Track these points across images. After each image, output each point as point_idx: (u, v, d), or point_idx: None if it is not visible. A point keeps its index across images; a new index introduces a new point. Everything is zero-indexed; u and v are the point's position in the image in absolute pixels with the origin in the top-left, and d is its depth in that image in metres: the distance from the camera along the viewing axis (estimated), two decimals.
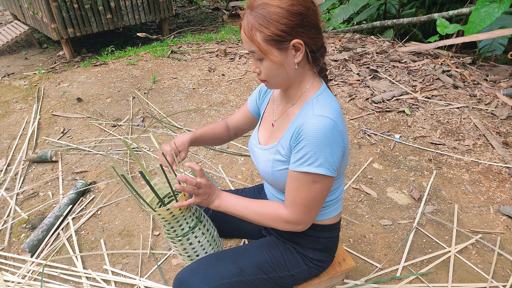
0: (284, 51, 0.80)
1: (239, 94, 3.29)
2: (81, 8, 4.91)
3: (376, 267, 1.58)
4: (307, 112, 0.85)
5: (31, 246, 1.66)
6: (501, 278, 1.52)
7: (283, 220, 0.88)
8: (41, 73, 4.08)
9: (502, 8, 3.22)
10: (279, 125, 0.96)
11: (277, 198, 1.04)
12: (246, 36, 0.80)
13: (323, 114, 0.81)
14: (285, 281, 1.03)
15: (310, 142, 0.79)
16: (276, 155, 0.91)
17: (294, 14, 0.76)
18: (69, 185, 2.13)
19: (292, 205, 0.86)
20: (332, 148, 0.79)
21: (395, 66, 3.76)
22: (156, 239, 1.75)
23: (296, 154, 0.82)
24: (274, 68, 0.82)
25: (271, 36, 0.77)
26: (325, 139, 0.79)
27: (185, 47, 4.66)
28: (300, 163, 0.81)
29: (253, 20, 0.77)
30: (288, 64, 0.82)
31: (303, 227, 0.89)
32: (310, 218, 0.88)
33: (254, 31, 0.78)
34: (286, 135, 0.89)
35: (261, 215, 0.90)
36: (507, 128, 2.65)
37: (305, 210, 0.85)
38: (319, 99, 0.86)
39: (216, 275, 0.94)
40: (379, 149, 2.45)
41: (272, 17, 0.76)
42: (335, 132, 0.79)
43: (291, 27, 0.77)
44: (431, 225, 1.81)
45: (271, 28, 0.76)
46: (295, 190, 0.84)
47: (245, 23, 0.80)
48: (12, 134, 2.71)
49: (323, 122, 0.79)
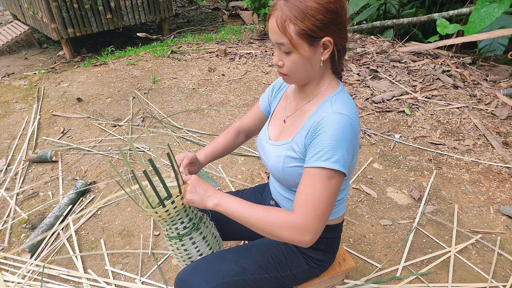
0: (314, 47, 0.79)
1: (239, 94, 3.29)
2: (81, 8, 4.91)
3: (376, 267, 1.58)
4: (325, 108, 0.84)
5: (31, 246, 1.66)
6: (501, 278, 1.52)
7: (290, 225, 0.78)
8: (41, 73, 4.08)
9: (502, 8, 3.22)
10: (293, 121, 0.95)
11: (283, 196, 1.04)
12: (277, 27, 0.78)
13: (342, 111, 0.80)
14: (286, 281, 1.03)
15: (328, 136, 0.78)
16: (289, 151, 0.90)
17: (330, 12, 0.76)
18: (69, 185, 2.13)
19: (303, 205, 0.79)
20: (348, 147, 0.79)
21: (395, 66, 3.76)
22: (156, 239, 1.75)
23: (312, 149, 0.81)
24: (300, 63, 0.82)
25: (305, 30, 0.76)
26: (343, 136, 0.78)
27: (185, 47, 4.66)
28: (317, 158, 0.79)
29: (289, 11, 0.76)
30: (314, 61, 0.82)
31: (310, 238, 0.79)
32: (317, 226, 0.79)
33: (288, 23, 0.76)
34: (301, 131, 0.88)
35: (265, 219, 0.80)
36: (507, 128, 2.65)
37: (315, 213, 0.78)
38: (337, 97, 0.86)
39: (218, 274, 0.94)
40: (379, 149, 2.45)
41: (309, 11, 0.75)
42: (352, 131, 0.79)
43: (325, 24, 0.77)
44: (431, 225, 1.81)
45: (306, 22, 0.75)
46: (309, 186, 0.79)
47: (278, 14, 0.78)
48: (12, 134, 2.71)
49: (342, 119, 0.79)
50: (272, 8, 0.81)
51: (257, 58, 4.19)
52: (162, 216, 0.90)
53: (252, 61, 4.10)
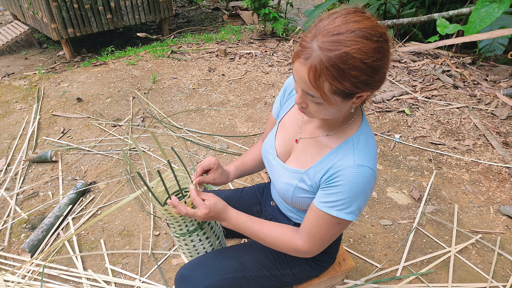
0: (348, 99, 0.69)
1: (239, 94, 3.29)
2: (81, 8, 4.91)
3: (376, 267, 1.58)
4: (346, 154, 0.78)
5: (31, 246, 1.66)
6: (501, 278, 1.52)
7: (295, 250, 0.87)
8: (41, 73, 4.08)
9: (502, 8, 3.22)
10: (306, 149, 0.88)
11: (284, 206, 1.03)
12: (308, 80, 0.66)
13: (364, 163, 0.75)
14: (286, 279, 1.04)
15: (347, 190, 0.75)
16: (301, 183, 0.86)
17: (376, 70, 0.64)
18: (69, 185, 2.13)
19: (309, 237, 0.85)
20: (365, 197, 0.78)
21: (395, 66, 3.76)
22: (156, 239, 1.75)
23: (327, 195, 0.78)
24: (328, 112, 0.73)
25: (342, 90, 0.65)
26: (363, 189, 0.76)
27: (185, 47, 4.66)
28: (330, 206, 0.78)
29: (326, 68, 0.62)
30: (345, 109, 0.74)
31: (311, 255, 0.89)
32: (320, 250, 0.88)
33: (323, 79, 0.64)
34: (316, 168, 0.83)
35: (272, 243, 0.89)
36: (507, 128, 2.65)
37: (320, 244, 0.85)
38: (360, 139, 0.79)
39: (218, 270, 0.95)
40: (379, 149, 2.45)
41: (351, 72, 0.62)
42: (372, 182, 0.77)
43: (368, 83, 0.65)
44: (431, 225, 1.81)
45: (345, 84, 0.64)
46: (317, 226, 0.82)
47: (312, 64, 0.63)
48: (12, 134, 2.71)
49: (364, 173, 0.75)
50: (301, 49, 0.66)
51: (257, 58, 4.19)
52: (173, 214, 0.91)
53: (252, 61, 4.10)
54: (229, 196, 1.24)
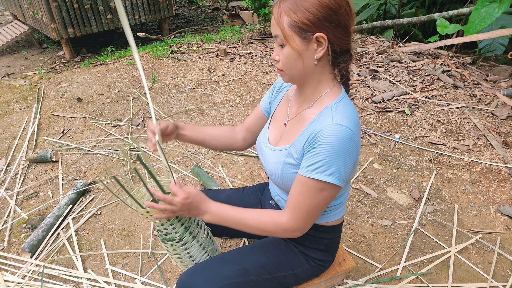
0: (306, 41, 0.78)
1: (239, 94, 3.29)
2: (81, 8, 4.91)
3: (376, 267, 1.58)
4: (325, 118, 0.82)
5: (31, 246, 1.66)
6: (501, 278, 1.52)
7: (281, 227, 0.86)
8: (41, 73, 4.08)
9: (502, 8, 3.22)
10: (293, 126, 0.94)
11: (282, 199, 1.04)
12: (274, 20, 0.80)
13: (342, 123, 0.78)
14: (288, 281, 1.03)
15: (326, 149, 0.77)
16: (288, 158, 0.89)
17: (324, 7, 0.75)
18: (69, 185, 2.13)
19: (294, 210, 0.84)
20: (346, 159, 0.78)
21: (395, 66, 3.76)
22: (156, 239, 1.75)
23: (308, 159, 0.80)
24: (292, 57, 0.81)
25: (296, 22, 0.76)
26: (342, 149, 0.77)
27: (185, 47, 4.66)
28: (312, 169, 0.79)
29: (285, 4, 0.78)
30: (307, 57, 0.81)
31: (299, 234, 0.88)
32: (307, 225, 0.87)
33: (283, 14, 0.78)
34: (300, 138, 0.86)
35: (257, 225, 0.88)
36: (507, 128, 2.65)
37: (305, 217, 0.84)
38: (338, 105, 0.84)
39: (220, 276, 0.94)
40: (379, 149, 2.45)
41: (304, 4, 0.76)
42: (351, 143, 0.78)
43: (318, 18, 0.76)
44: (431, 225, 1.81)
45: (298, 14, 0.76)
46: (301, 195, 0.83)
47: (276, 6, 0.80)
48: (12, 134, 2.71)
49: (342, 131, 0.77)
50: (275, 3, 0.82)
51: (257, 58, 4.20)
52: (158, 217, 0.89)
53: (252, 61, 4.10)
54: (231, 195, 1.24)
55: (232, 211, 0.89)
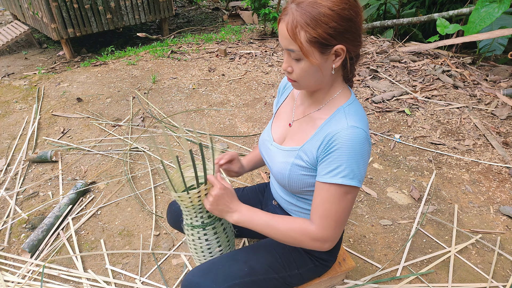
0: (325, 55, 0.76)
1: (239, 94, 3.29)
2: (81, 8, 4.91)
3: (376, 267, 1.58)
4: (339, 120, 0.81)
5: (31, 246, 1.66)
6: (501, 278, 1.52)
7: (310, 237, 0.83)
8: (41, 73, 4.08)
9: (502, 8, 3.22)
10: (301, 127, 0.92)
11: (285, 200, 1.04)
12: (287, 33, 0.74)
13: (357, 125, 0.78)
14: (293, 280, 1.03)
15: (345, 152, 0.76)
16: (297, 159, 0.87)
17: (345, 19, 0.72)
18: (69, 185, 2.13)
19: (322, 218, 0.81)
20: (364, 160, 0.78)
21: (395, 66, 3.76)
22: (156, 239, 1.75)
23: (328, 164, 0.79)
24: (310, 71, 0.78)
25: (317, 38, 0.72)
26: (360, 151, 0.77)
27: (185, 47, 4.66)
28: (334, 175, 0.78)
29: (300, 17, 0.72)
30: (325, 68, 0.79)
31: (329, 246, 0.84)
32: (337, 234, 0.83)
33: (299, 29, 0.73)
34: (312, 141, 0.85)
35: (286, 231, 0.84)
36: (507, 128, 2.65)
37: (335, 225, 0.82)
38: (351, 108, 0.83)
39: (227, 276, 0.93)
40: (379, 149, 2.45)
41: (322, 18, 0.71)
42: (367, 145, 0.78)
43: (339, 31, 0.73)
44: (431, 225, 1.81)
45: (318, 30, 0.72)
46: (326, 202, 0.80)
47: (289, 19, 0.74)
48: (12, 134, 2.71)
49: (359, 133, 0.77)
50: (283, 12, 0.77)
51: (257, 58, 4.20)
52: (193, 202, 0.90)
53: (252, 61, 4.10)
54: None
55: (262, 214, 0.88)
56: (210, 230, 0.98)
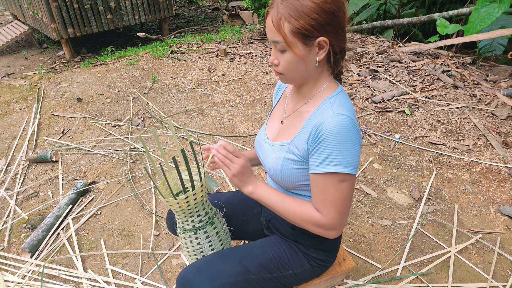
0: (308, 46, 0.79)
1: (239, 94, 3.29)
2: (81, 8, 4.91)
3: (376, 267, 1.58)
4: (324, 110, 0.83)
5: (31, 246, 1.66)
6: (501, 278, 1.52)
7: (315, 223, 0.86)
8: (41, 73, 4.08)
9: (502, 8, 3.22)
10: (290, 122, 0.95)
11: None
12: (272, 25, 0.79)
13: (342, 112, 0.80)
14: (288, 281, 1.03)
15: (333, 141, 0.78)
16: (288, 153, 0.89)
17: (326, 12, 0.76)
18: (69, 185, 2.13)
19: (324, 207, 0.84)
20: (354, 146, 0.80)
21: (395, 66, 3.76)
22: (156, 239, 1.75)
23: (318, 155, 0.81)
24: (294, 62, 0.81)
25: (299, 29, 0.76)
26: (348, 137, 0.78)
27: (185, 47, 4.66)
28: (326, 164, 0.80)
29: (284, 10, 0.76)
30: (309, 61, 0.82)
31: (335, 233, 0.86)
32: (342, 222, 0.85)
33: (283, 21, 0.77)
34: (301, 134, 0.87)
35: (293, 212, 0.88)
36: (507, 128, 2.65)
37: (337, 212, 0.83)
38: (336, 98, 0.85)
39: (221, 274, 0.94)
40: (379, 149, 2.45)
41: (304, 10, 0.75)
42: (354, 130, 0.80)
43: (320, 24, 0.76)
44: (431, 225, 1.81)
45: (301, 21, 0.75)
46: (324, 192, 0.82)
47: (274, 11, 0.78)
48: (12, 134, 2.71)
49: (344, 120, 0.79)
50: (270, 6, 0.81)
51: (257, 58, 4.20)
52: (182, 206, 0.91)
53: (252, 61, 4.10)
54: (229, 198, 1.24)
55: (276, 191, 0.91)
56: (202, 234, 0.99)
